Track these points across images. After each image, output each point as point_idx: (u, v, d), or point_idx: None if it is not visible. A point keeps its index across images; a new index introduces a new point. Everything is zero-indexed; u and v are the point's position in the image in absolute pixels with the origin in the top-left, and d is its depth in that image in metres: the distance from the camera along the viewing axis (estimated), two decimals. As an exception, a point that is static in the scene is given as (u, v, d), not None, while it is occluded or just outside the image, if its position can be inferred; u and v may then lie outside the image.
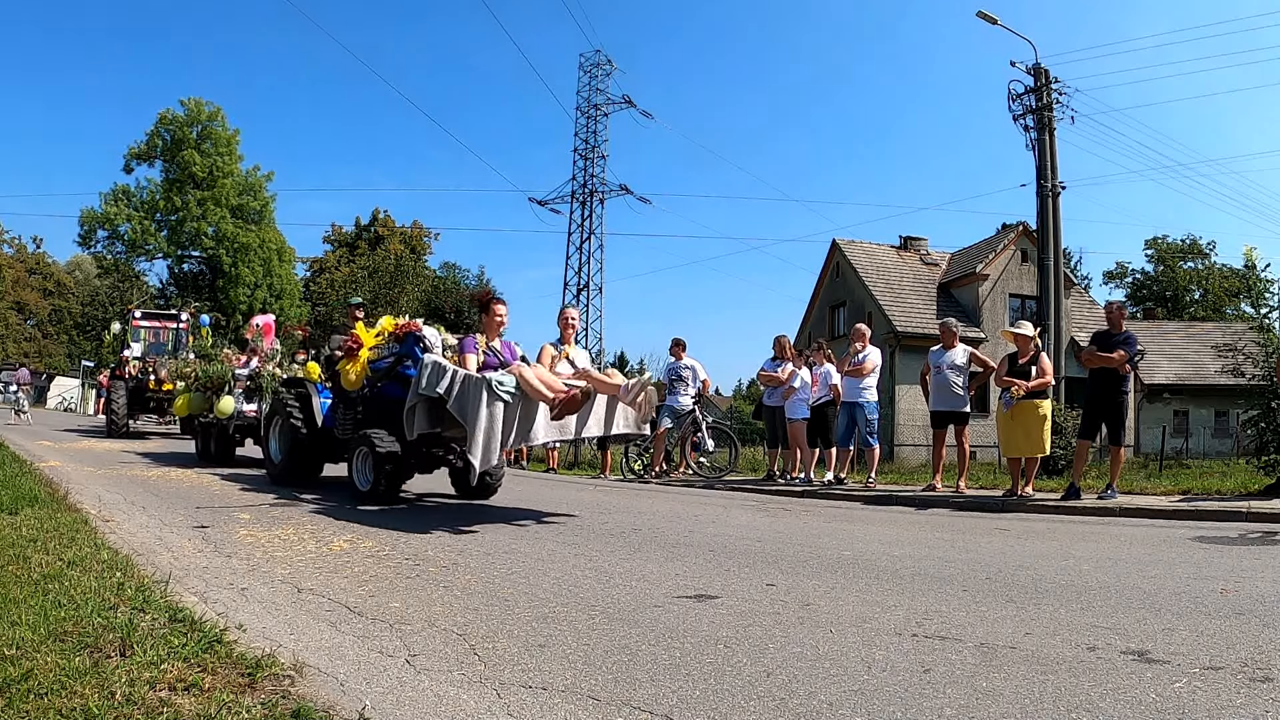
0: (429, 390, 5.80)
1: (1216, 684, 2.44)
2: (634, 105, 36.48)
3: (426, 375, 5.87)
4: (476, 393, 5.42)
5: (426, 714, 2.20)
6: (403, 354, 6.97)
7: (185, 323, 19.25)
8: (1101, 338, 8.27)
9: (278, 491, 7.46)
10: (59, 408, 43.86)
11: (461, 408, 5.54)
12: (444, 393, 5.67)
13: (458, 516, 6.26)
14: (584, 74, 37.13)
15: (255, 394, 10.52)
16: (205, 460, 10.79)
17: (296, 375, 9.96)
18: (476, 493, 7.59)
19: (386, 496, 6.60)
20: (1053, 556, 4.91)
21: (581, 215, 36.45)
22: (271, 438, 8.59)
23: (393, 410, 6.71)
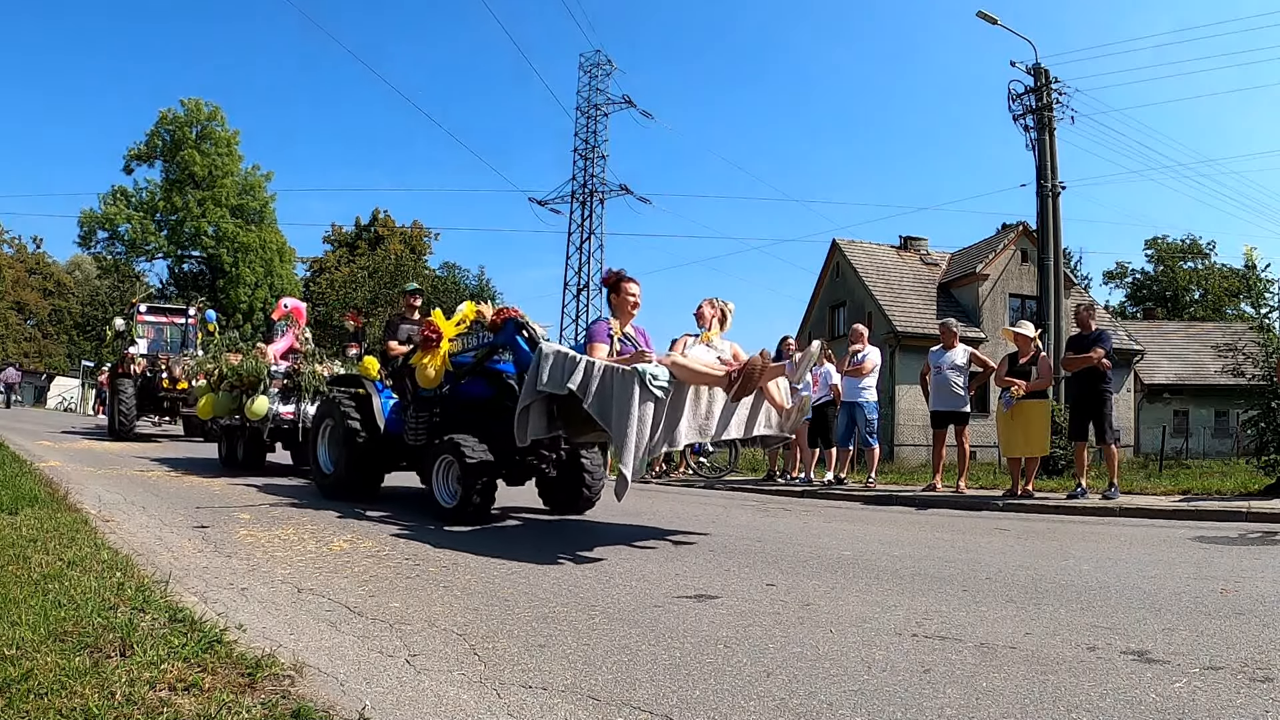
0: (554, 386, 4.88)
1: (1216, 684, 2.44)
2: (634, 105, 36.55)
3: (548, 368, 4.93)
4: (625, 389, 4.52)
5: (426, 714, 2.20)
6: (496, 345, 6.07)
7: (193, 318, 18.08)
8: (1076, 341, 8.36)
9: (278, 492, 7.45)
10: (59, 408, 43.86)
11: (603, 407, 4.64)
12: (577, 389, 4.73)
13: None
14: (584, 74, 37.22)
15: (292, 394, 9.37)
16: (230, 466, 9.90)
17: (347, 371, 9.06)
18: (570, 506, 6.60)
19: (478, 514, 5.68)
20: (1053, 556, 4.91)
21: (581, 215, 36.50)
22: (321, 444, 7.53)
23: (477, 411, 6.09)
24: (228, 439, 10.41)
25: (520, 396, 5.18)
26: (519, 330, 5.86)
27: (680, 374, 4.72)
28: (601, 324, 5.42)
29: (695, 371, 4.81)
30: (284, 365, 9.53)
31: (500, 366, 6.10)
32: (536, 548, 4.88)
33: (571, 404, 4.91)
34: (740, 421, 5.12)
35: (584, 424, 5.09)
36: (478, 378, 6.22)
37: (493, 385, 6.11)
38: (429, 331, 6.29)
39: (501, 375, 6.10)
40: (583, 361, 4.82)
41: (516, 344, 5.85)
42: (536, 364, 5.05)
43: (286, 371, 9.43)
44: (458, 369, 6.27)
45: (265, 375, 9.34)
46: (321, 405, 7.86)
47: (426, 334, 6.30)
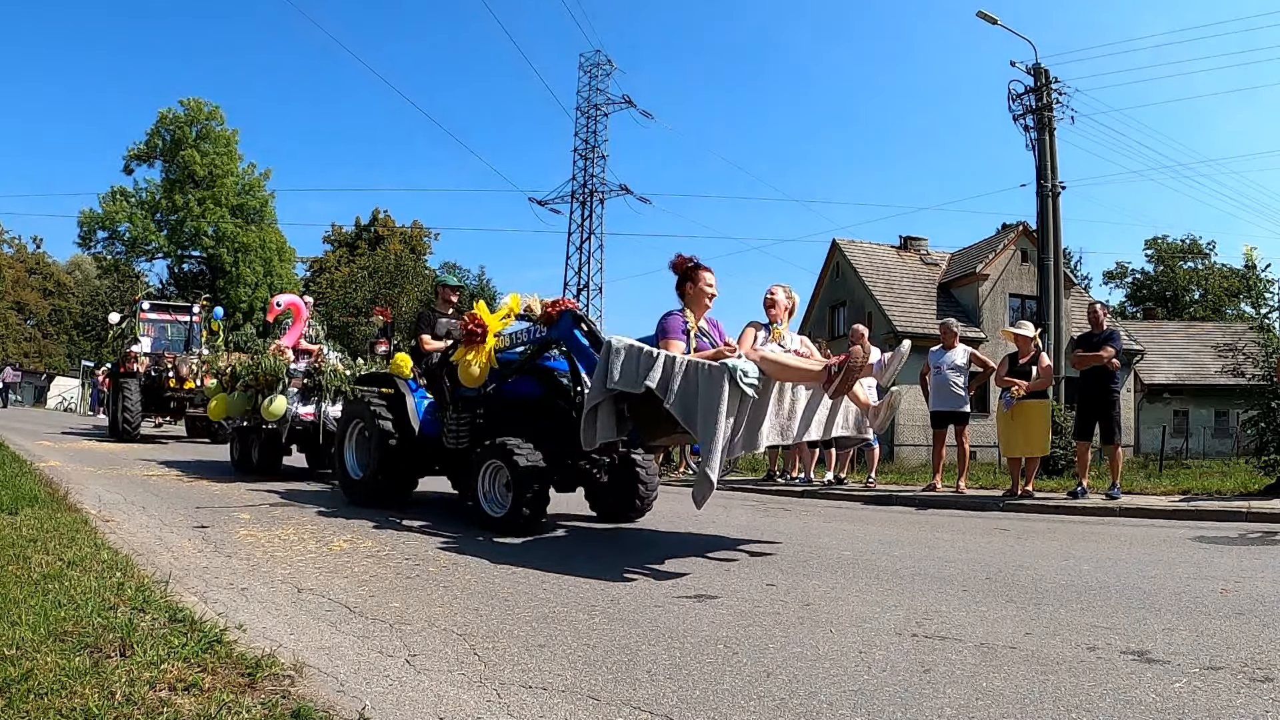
0: (628, 384, 4.44)
1: (1216, 684, 2.44)
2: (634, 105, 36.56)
3: (619, 365, 4.49)
4: (713, 386, 4.11)
5: (426, 714, 2.20)
6: (549, 341, 5.61)
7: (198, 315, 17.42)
8: (1085, 339, 8.34)
9: (278, 492, 7.45)
10: (59, 407, 43.86)
11: (687, 406, 4.23)
12: (655, 387, 4.30)
13: (457, 517, 6.25)
14: (584, 74, 37.22)
15: (313, 393, 8.85)
16: (244, 470, 9.42)
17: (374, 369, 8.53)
18: (621, 513, 6.17)
19: (529, 524, 5.26)
20: (1053, 556, 4.91)
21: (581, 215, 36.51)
22: (348, 448, 7.00)
23: (525, 412, 5.73)
24: (241, 441, 9.91)
25: (587, 396, 4.76)
26: (577, 324, 5.41)
27: (771, 370, 4.33)
28: (675, 317, 4.94)
29: (789, 367, 4.46)
30: (304, 364, 8.97)
31: (556, 364, 5.72)
32: (537, 548, 4.88)
33: (646, 403, 4.51)
34: (820, 421, 4.77)
35: (661, 425, 4.66)
36: (525, 376, 5.82)
37: (543, 384, 5.74)
38: (472, 325, 5.74)
39: (553, 373, 5.75)
40: (661, 356, 4.39)
41: (574, 339, 5.39)
42: (606, 360, 4.57)
43: (306, 370, 8.88)
44: (503, 366, 5.81)
45: (284, 374, 8.77)
46: (349, 406, 7.29)
47: (470, 328, 5.75)
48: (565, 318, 5.44)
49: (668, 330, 4.87)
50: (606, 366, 4.57)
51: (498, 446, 5.35)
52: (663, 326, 4.92)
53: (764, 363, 4.31)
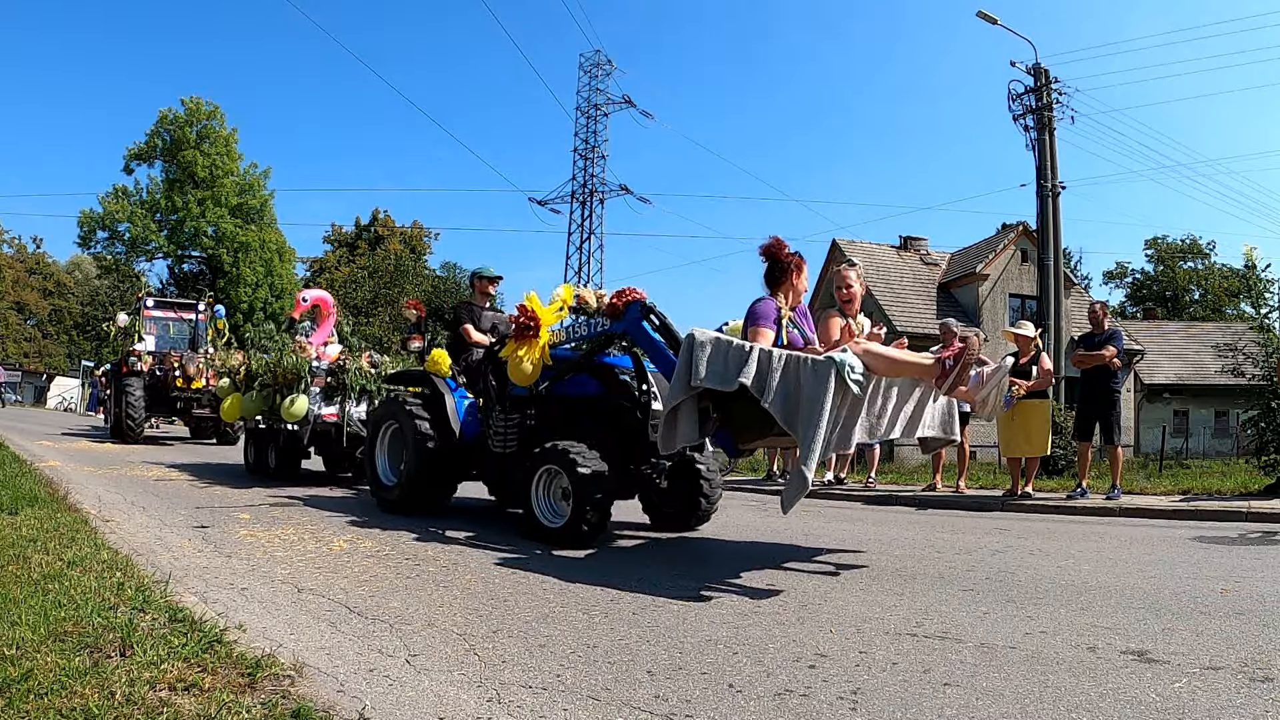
0: (717, 381, 4.03)
1: (1216, 684, 2.44)
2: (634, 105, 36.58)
3: (705, 360, 4.08)
4: (818, 382, 3.74)
5: (426, 714, 2.20)
6: (613, 335, 5.15)
7: (203, 313, 16.91)
8: (1086, 339, 8.36)
9: (278, 492, 7.44)
10: (59, 407, 43.84)
11: (788, 404, 3.85)
12: (750, 384, 3.92)
13: (457, 517, 6.25)
14: (584, 74, 37.24)
15: (335, 393, 8.28)
16: (260, 474, 8.99)
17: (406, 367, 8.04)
18: (680, 520, 5.69)
19: (590, 536, 4.84)
20: (1053, 556, 4.91)
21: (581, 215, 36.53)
22: (379, 452, 6.53)
23: (581, 413, 5.31)
24: (256, 443, 9.37)
25: (667, 395, 4.32)
26: (645, 315, 4.93)
27: (877, 364, 3.96)
28: (768, 302, 4.49)
29: (899, 361, 4.13)
30: (326, 361, 8.40)
31: (618, 360, 5.33)
32: (537, 548, 4.88)
33: (736, 402, 4.13)
34: (906, 420, 4.35)
35: (753, 426, 4.26)
36: (582, 373, 5.39)
37: (603, 382, 5.30)
38: (524, 319, 5.26)
39: (613, 370, 5.32)
40: (755, 351, 3.99)
41: (643, 332, 4.92)
42: (689, 355, 4.15)
43: (329, 368, 8.31)
44: (558, 363, 5.38)
45: (306, 372, 8.15)
46: (382, 406, 6.76)
47: (522, 322, 5.27)
48: (633, 309, 4.95)
49: (758, 316, 4.43)
50: (690, 362, 4.14)
51: (555, 451, 4.89)
52: (753, 312, 4.47)
53: (868, 356, 3.95)
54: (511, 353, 5.35)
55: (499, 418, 5.65)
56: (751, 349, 4.03)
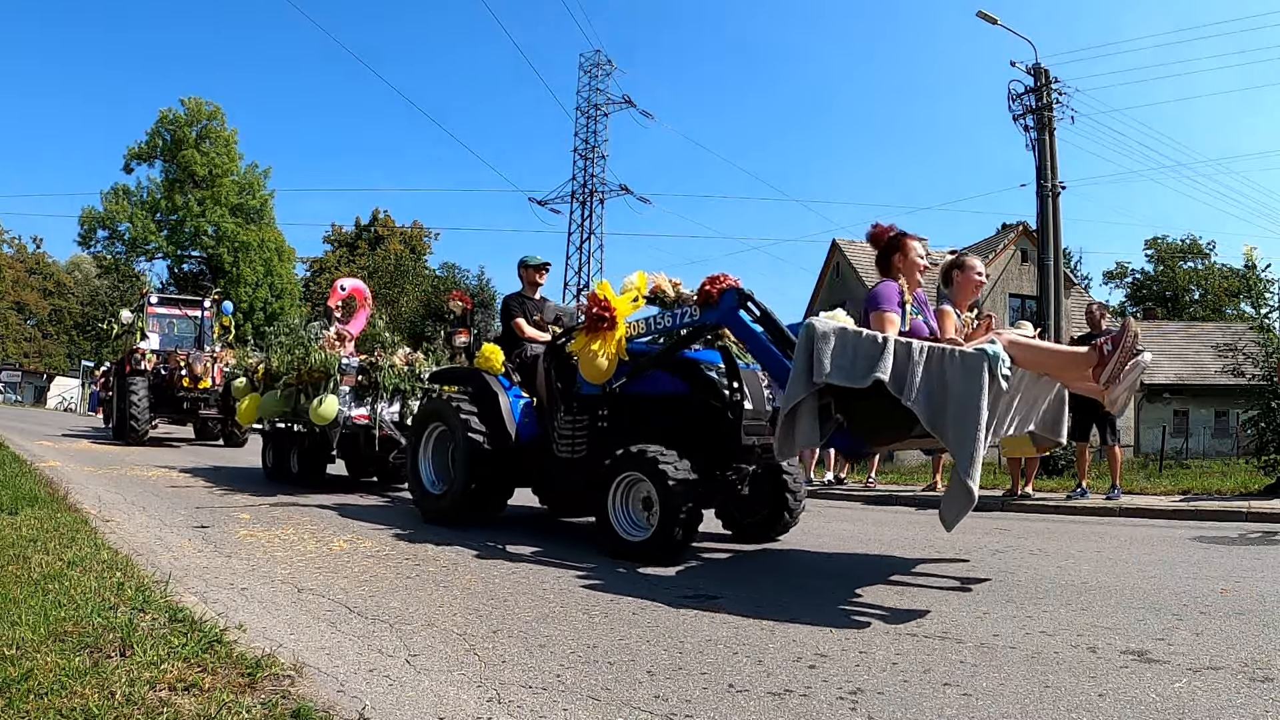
0: (846, 377, 3.62)
1: (1216, 684, 2.44)
2: (634, 105, 36.58)
3: (829, 353, 3.66)
4: (969, 378, 3.37)
5: (426, 714, 2.20)
6: (706, 326, 4.72)
7: (209, 310, 16.27)
8: (1086, 340, 8.34)
9: (278, 491, 7.44)
10: (59, 407, 43.85)
11: (934, 402, 3.45)
12: (888, 379, 3.52)
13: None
14: (584, 74, 37.26)
15: (366, 393, 7.68)
16: (280, 480, 8.51)
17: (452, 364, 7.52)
18: (762, 530, 5.24)
19: (678, 551, 4.42)
20: (1053, 556, 4.91)
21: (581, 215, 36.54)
22: (423, 458, 6.02)
23: (660, 413, 4.83)
24: (276, 446, 8.87)
25: (784, 394, 3.87)
26: (742, 304, 4.49)
27: (1025, 357, 3.62)
28: (890, 285, 4.13)
29: (1049, 352, 3.79)
30: (356, 359, 7.82)
31: (705, 355, 4.88)
32: (537, 548, 4.88)
33: (866, 400, 3.71)
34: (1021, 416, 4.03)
35: (886, 426, 3.83)
36: (661, 370, 4.89)
37: (687, 379, 4.80)
38: (600, 309, 4.77)
39: (697, 366, 4.80)
40: (890, 343, 3.59)
41: (740, 323, 4.49)
42: (809, 348, 3.72)
43: (360, 366, 7.69)
44: (635, 359, 4.90)
45: (335, 370, 7.52)
46: (427, 407, 6.27)
47: (596, 313, 4.78)
48: (728, 297, 4.49)
49: (882, 299, 4.03)
50: (810, 356, 3.71)
51: (638, 456, 4.43)
52: (875, 296, 4.10)
53: (1014, 349, 3.59)
54: (583, 347, 4.85)
55: (565, 420, 5.13)
56: (885, 340, 3.61)
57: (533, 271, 6.50)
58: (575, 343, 4.98)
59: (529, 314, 6.27)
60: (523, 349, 6.02)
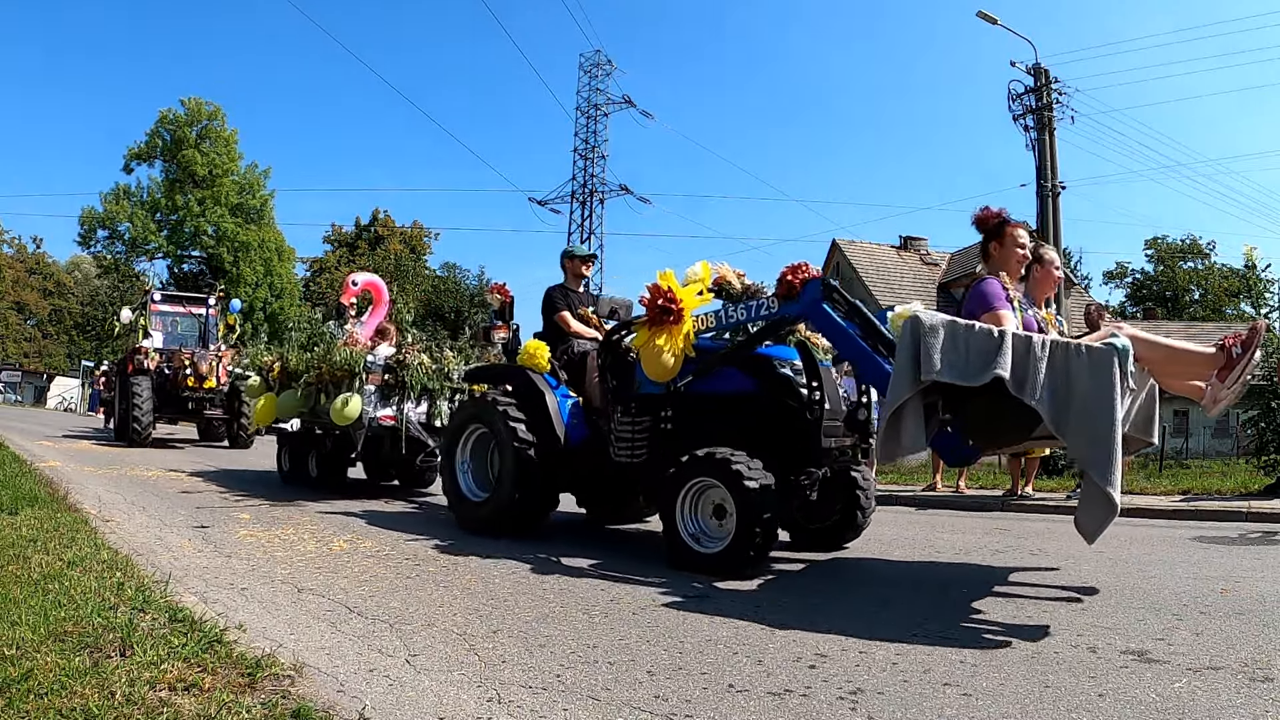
0: (959, 375, 3.35)
1: (1216, 684, 2.44)
2: (634, 105, 36.58)
3: (938, 348, 3.38)
4: (1100, 375, 3.13)
5: (426, 714, 2.20)
6: (786, 319, 4.42)
7: (214, 308, 15.86)
8: None
9: (278, 492, 7.44)
10: (59, 408, 43.87)
11: (1057, 402, 3.20)
12: (1008, 376, 3.25)
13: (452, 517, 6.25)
14: (584, 74, 37.25)
15: (394, 392, 7.20)
16: (298, 483, 8.16)
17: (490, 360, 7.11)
18: (829, 538, 4.95)
19: (756, 563, 4.11)
20: (1053, 556, 4.91)
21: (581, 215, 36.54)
22: (460, 462, 5.64)
23: (729, 414, 4.49)
24: (292, 448, 8.45)
25: (889, 392, 3.57)
26: (827, 295, 4.20)
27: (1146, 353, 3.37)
28: (994, 282, 3.84)
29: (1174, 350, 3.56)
30: (382, 356, 7.34)
31: (781, 352, 4.57)
32: (537, 548, 4.87)
33: (974, 399, 3.46)
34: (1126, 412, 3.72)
35: (1003, 429, 3.59)
36: (730, 367, 4.56)
37: (758, 377, 4.48)
38: (665, 302, 4.43)
39: (771, 363, 4.48)
40: (1008, 337, 3.33)
41: (825, 316, 4.16)
42: (915, 343, 3.45)
43: (387, 364, 7.20)
44: (702, 355, 4.57)
45: (360, 369, 7.06)
46: (465, 408, 5.95)
47: (661, 305, 4.44)
48: (812, 288, 4.20)
49: (992, 297, 3.74)
50: (916, 352, 3.44)
51: (711, 460, 4.10)
52: (982, 293, 3.80)
53: (1138, 342, 3.34)
54: (646, 342, 4.49)
55: (623, 421, 4.75)
56: (1002, 334, 3.36)
57: (577, 263, 6.15)
58: (637, 338, 4.62)
59: (573, 307, 5.90)
60: (568, 345, 5.68)
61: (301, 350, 7.95)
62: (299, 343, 8.23)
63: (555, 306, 5.89)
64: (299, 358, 7.85)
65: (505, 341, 6.29)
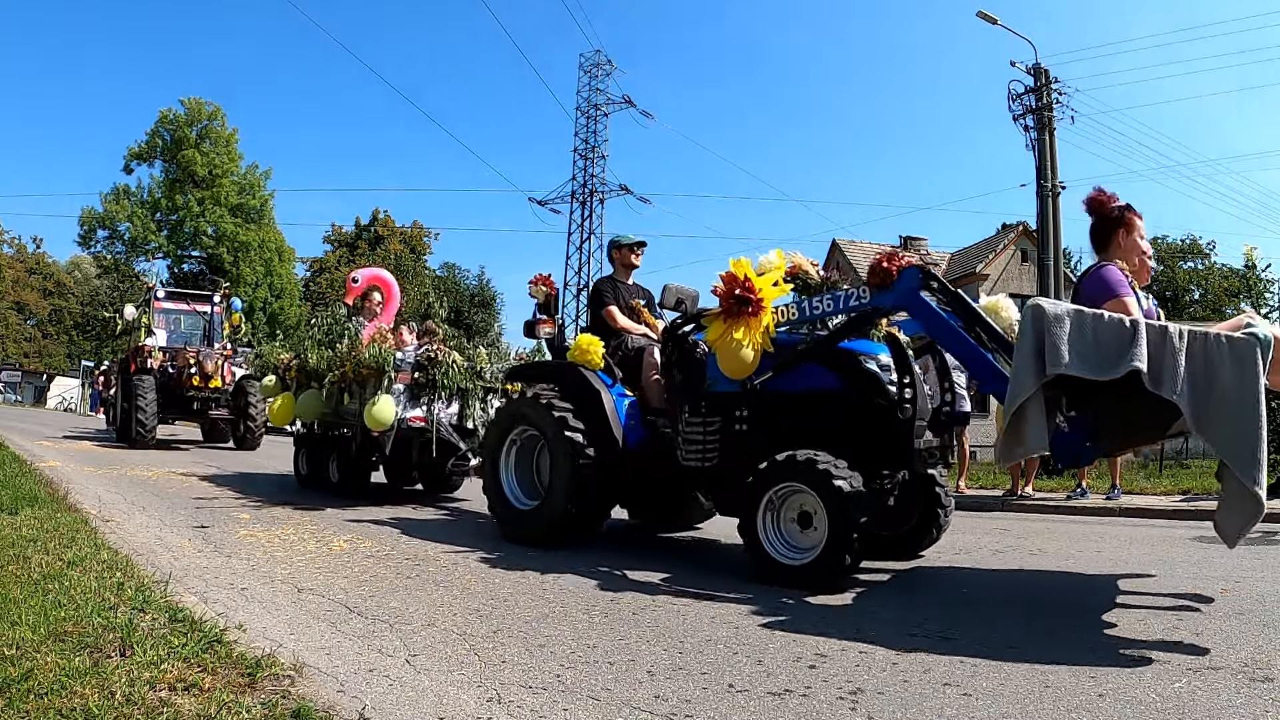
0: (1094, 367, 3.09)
1: (1216, 684, 2.44)
2: (634, 105, 36.58)
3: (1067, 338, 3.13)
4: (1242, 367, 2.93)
5: (426, 714, 2.20)
6: (878, 311, 4.15)
7: (219, 305, 15.48)
8: None
9: (278, 492, 7.43)
10: (59, 408, 43.86)
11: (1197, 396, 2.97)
12: (1145, 370, 2.99)
13: (456, 518, 6.26)
14: (584, 74, 37.26)
15: (424, 391, 6.76)
16: (316, 487, 7.77)
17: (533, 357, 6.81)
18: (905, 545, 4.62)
19: (845, 575, 3.83)
20: (1053, 556, 4.91)
21: (581, 215, 36.55)
22: (504, 468, 5.27)
23: (809, 414, 4.17)
24: (310, 451, 8.06)
25: (1012, 389, 3.24)
26: (925, 284, 3.92)
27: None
28: (1114, 270, 3.55)
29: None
30: (412, 353, 6.92)
31: (867, 347, 4.26)
32: (536, 548, 4.87)
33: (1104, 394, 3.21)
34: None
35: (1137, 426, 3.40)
36: (811, 363, 4.23)
37: (842, 373, 4.16)
38: (743, 292, 4.08)
39: (856, 358, 4.15)
40: (1141, 326, 3.07)
41: (924, 306, 3.91)
42: (1038, 334, 3.17)
43: (417, 361, 6.77)
44: (780, 350, 4.22)
45: (390, 367, 6.56)
46: (510, 409, 5.45)
47: (740, 295, 4.09)
48: (909, 275, 3.93)
49: (1114, 284, 3.45)
50: (1040, 343, 3.16)
51: (802, 464, 3.80)
52: (1105, 279, 3.51)
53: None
54: (722, 335, 4.14)
55: (693, 422, 4.43)
56: (1134, 324, 3.09)
57: (626, 252, 5.70)
58: (711, 331, 4.24)
59: (623, 300, 5.53)
60: (622, 340, 5.31)
61: (321, 347, 7.49)
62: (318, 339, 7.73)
63: (603, 300, 5.53)
64: (319, 355, 7.40)
65: (551, 337, 5.85)
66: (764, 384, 4.28)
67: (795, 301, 4.39)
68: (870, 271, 4.10)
